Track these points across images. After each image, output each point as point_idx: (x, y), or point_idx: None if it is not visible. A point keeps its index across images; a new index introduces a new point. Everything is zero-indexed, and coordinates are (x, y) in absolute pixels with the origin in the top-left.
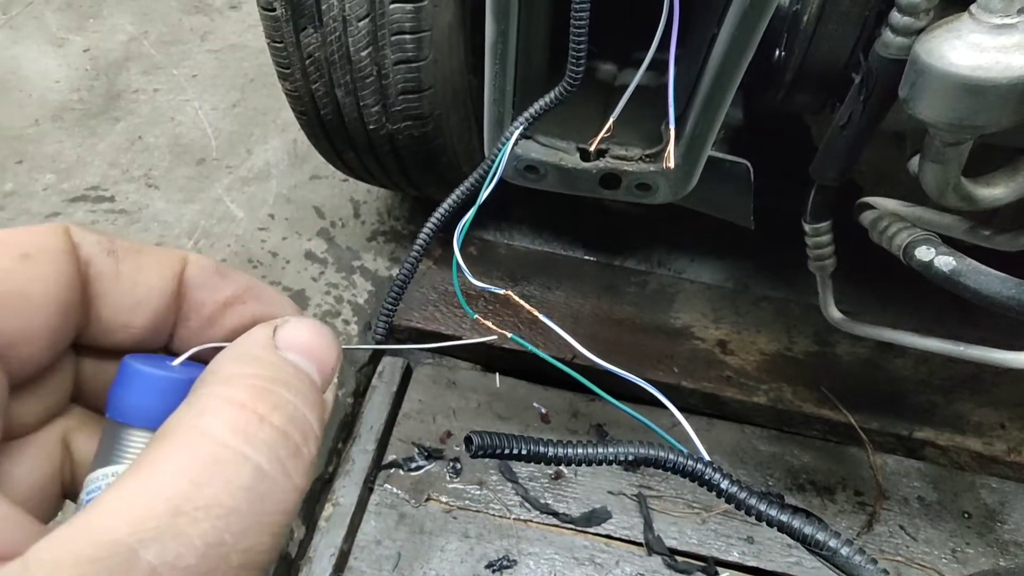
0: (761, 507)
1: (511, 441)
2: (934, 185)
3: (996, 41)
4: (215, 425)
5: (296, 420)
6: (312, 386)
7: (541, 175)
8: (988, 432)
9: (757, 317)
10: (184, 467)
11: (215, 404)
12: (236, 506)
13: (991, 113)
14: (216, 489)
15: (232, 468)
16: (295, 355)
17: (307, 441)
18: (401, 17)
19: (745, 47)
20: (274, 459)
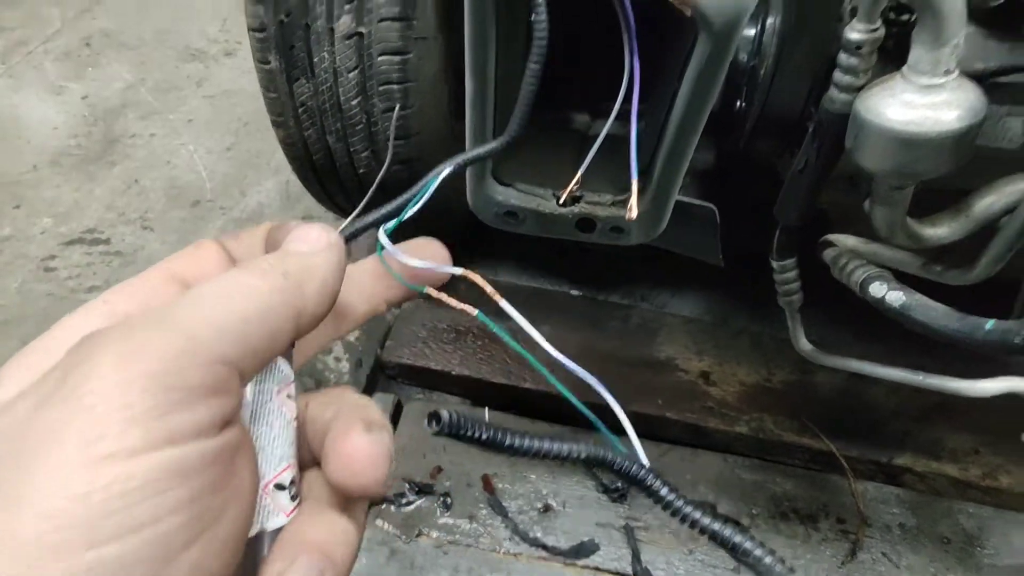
0: (695, 515)
1: (474, 426)
2: (883, 226)
3: (925, 99)
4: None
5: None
6: (283, 252)
7: (520, 220)
8: (963, 458)
9: (737, 349)
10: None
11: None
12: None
13: (926, 163)
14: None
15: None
16: (289, 244)
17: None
18: (388, 69)
19: (703, 104)
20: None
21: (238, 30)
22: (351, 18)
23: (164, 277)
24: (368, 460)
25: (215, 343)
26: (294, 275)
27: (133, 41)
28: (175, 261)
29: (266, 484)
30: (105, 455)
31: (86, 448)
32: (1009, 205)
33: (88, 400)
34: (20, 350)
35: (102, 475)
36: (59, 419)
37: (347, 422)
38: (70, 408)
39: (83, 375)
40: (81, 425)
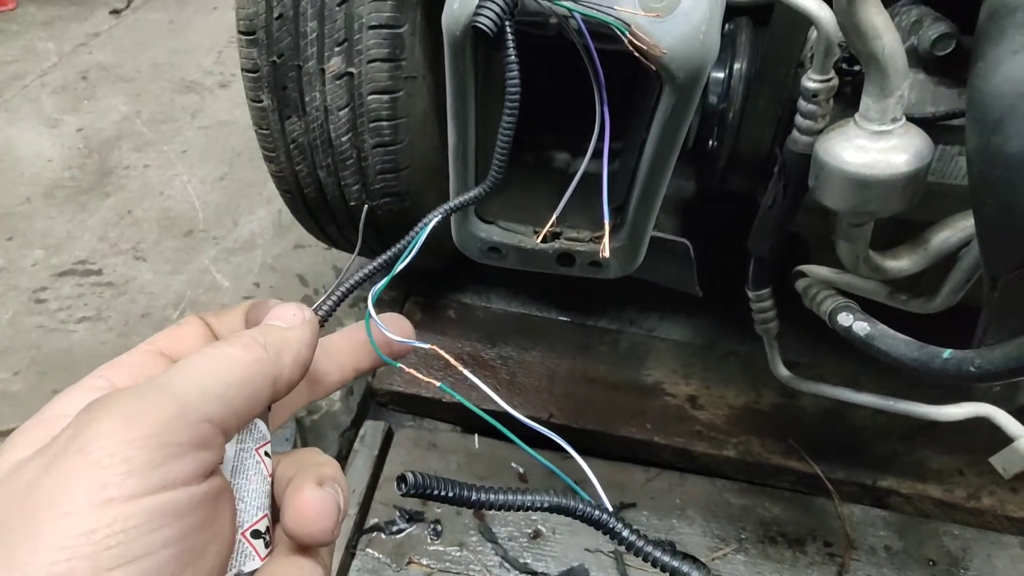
0: (656, 553)
1: (441, 484)
2: (847, 258)
3: (876, 144)
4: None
5: (243, 337)
6: (265, 326)
7: (503, 255)
8: (948, 479)
9: (725, 372)
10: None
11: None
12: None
13: (879, 202)
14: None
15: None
16: (268, 319)
17: (259, 338)
18: (379, 106)
19: (670, 150)
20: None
21: (233, 62)
22: (341, 59)
23: (152, 352)
24: (316, 513)
25: (201, 405)
26: (272, 347)
27: (130, 74)
28: (162, 338)
29: (244, 530)
30: (108, 499)
31: (92, 494)
32: (964, 239)
33: (95, 456)
34: (25, 423)
35: (105, 516)
36: (70, 471)
37: (302, 478)
38: (79, 463)
39: (91, 435)
40: (89, 476)
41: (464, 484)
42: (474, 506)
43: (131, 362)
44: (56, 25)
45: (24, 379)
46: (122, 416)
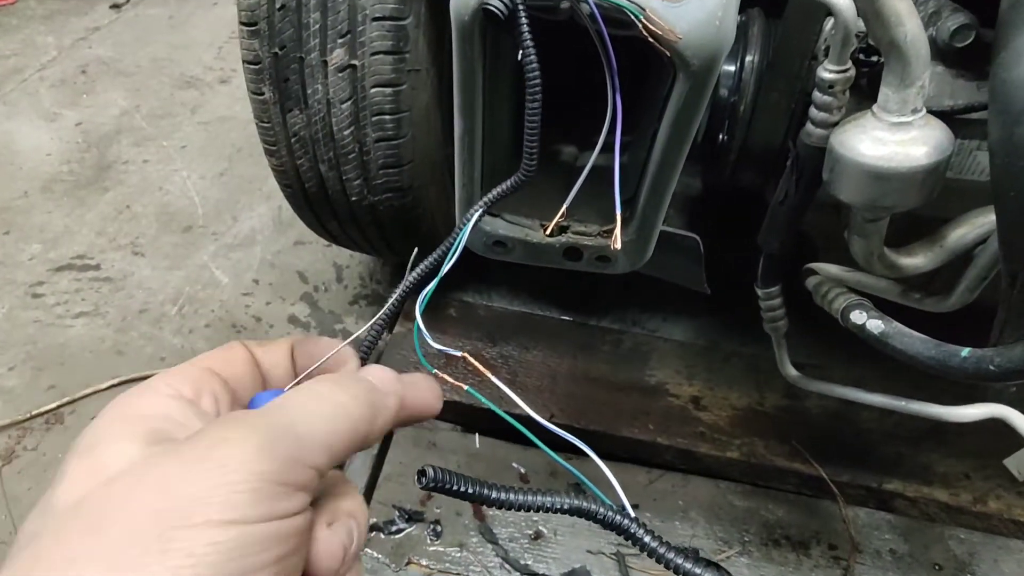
0: (678, 560)
1: (460, 481)
2: (861, 255)
3: (895, 136)
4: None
5: (355, 388)
6: (370, 384)
7: (509, 249)
8: (954, 483)
9: (728, 373)
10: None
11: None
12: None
13: (897, 196)
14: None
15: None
16: (367, 376)
17: (368, 396)
18: (382, 100)
19: (682, 141)
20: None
21: (233, 58)
22: (344, 51)
23: (206, 370)
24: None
25: (315, 455)
26: (374, 409)
27: (129, 68)
28: (211, 359)
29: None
30: (234, 520)
31: (224, 512)
32: (981, 236)
33: (231, 478)
34: (103, 420)
35: (230, 532)
36: (208, 485)
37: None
38: (217, 479)
39: (229, 456)
40: (224, 494)
41: (483, 482)
42: (493, 504)
43: (190, 376)
44: (56, 19)
45: (19, 374)
46: (258, 448)
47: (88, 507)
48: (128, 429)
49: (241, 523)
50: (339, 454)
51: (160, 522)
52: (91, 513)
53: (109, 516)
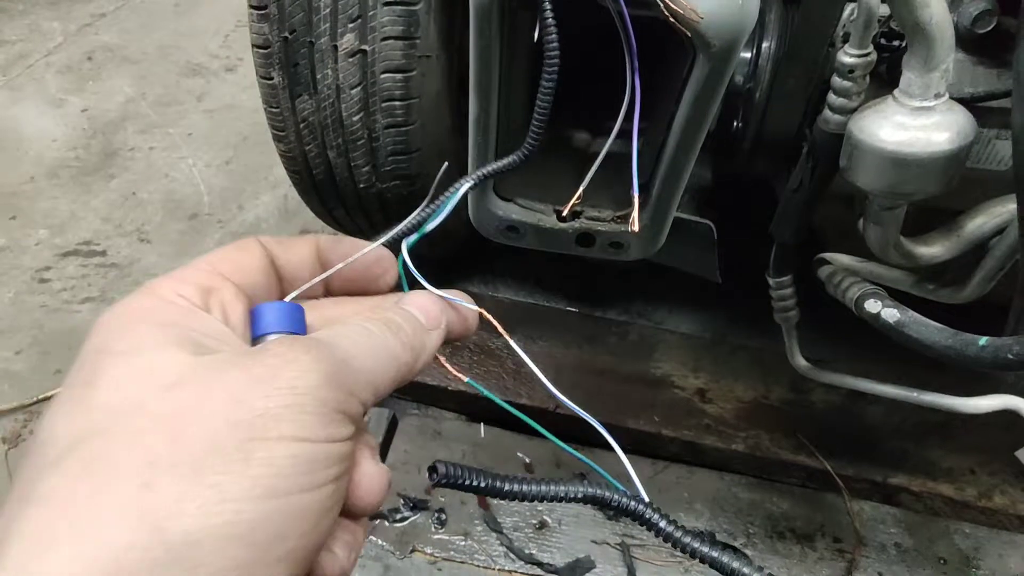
0: (695, 545)
1: (472, 475)
2: (877, 244)
3: (917, 121)
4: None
5: (403, 330)
6: (415, 320)
7: (521, 234)
8: (959, 478)
9: (734, 366)
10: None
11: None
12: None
13: (917, 182)
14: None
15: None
16: (409, 307)
17: (407, 337)
18: (391, 86)
19: (700, 124)
20: (383, 332)
21: (239, 46)
22: (355, 36)
23: (215, 275)
24: (370, 491)
25: (364, 390)
26: (417, 351)
27: (135, 55)
28: (220, 260)
29: None
30: (305, 438)
31: (297, 429)
32: (999, 225)
33: (302, 400)
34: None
35: (303, 448)
36: (281, 405)
37: (359, 446)
38: (290, 399)
39: (298, 377)
40: (296, 413)
41: (495, 474)
42: (506, 497)
43: (197, 281)
44: (61, 5)
45: (26, 359)
46: (326, 376)
47: (156, 412)
48: (168, 335)
49: (311, 441)
50: (382, 394)
51: (238, 433)
52: (162, 419)
53: (184, 423)
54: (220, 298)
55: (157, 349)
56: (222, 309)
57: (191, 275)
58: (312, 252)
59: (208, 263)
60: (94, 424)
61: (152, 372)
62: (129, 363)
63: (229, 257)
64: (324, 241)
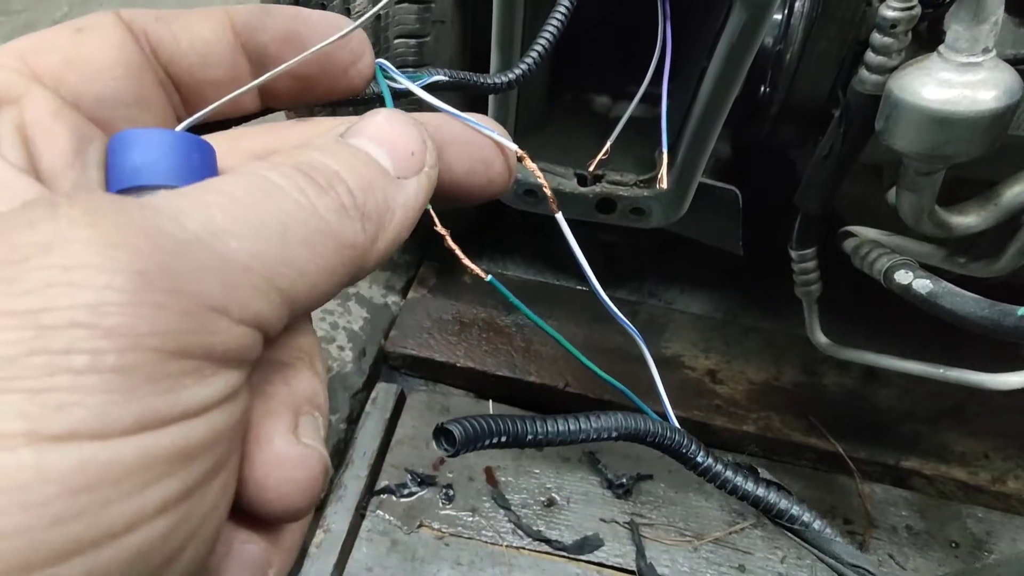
0: (737, 481)
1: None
2: (910, 213)
3: (963, 78)
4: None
5: (340, 181)
6: (370, 162)
7: (540, 199)
8: (973, 462)
9: (746, 347)
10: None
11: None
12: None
13: (960, 144)
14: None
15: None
16: (360, 139)
17: (349, 194)
18: (405, 51)
19: (733, 80)
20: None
21: None
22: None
23: (13, 71)
24: (285, 480)
25: (251, 301)
26: (373, 216)
27: None
28: (36, 45)
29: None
30: (79, 434)
31: (35, 418)
32: None
33: (61, 337)
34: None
35: (68, 460)
36: (6, 354)
37: (275, 411)
38: (25, 334)
39: (68, 283)
40: (38, 375)
41: (517, 420)
42: (532, 445)
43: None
44: None
45: None
46: (141, 276)
47: None
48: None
49: (82, 439)
50: (304, 302)
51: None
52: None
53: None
54: (20, 118)
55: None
56: (20, 138)
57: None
58: (223, 33)
59: (13, 49)
60: None
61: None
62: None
63: (55, 41)
64: (243, 14)
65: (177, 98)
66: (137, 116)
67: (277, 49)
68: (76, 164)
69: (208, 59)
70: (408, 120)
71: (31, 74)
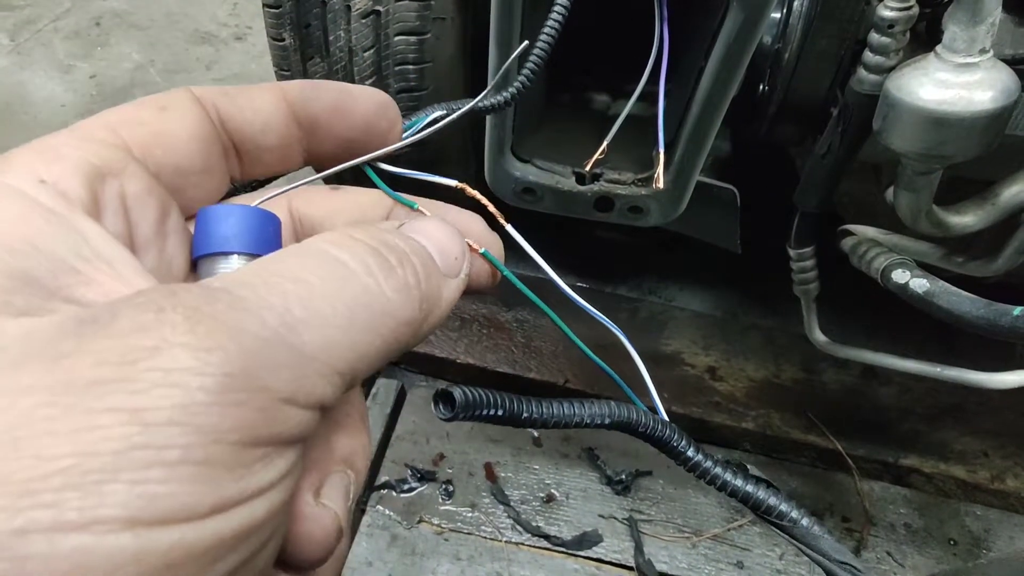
0: (726, 476)
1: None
2: (908, 212)
3: (960, 79)
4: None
5: (408, 267)
6: (429, 257)
7: (538, 197)
8: (972, 460)
9: (745, 345)
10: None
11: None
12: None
13: (957, 144)
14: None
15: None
16: (419, 236)
17: (414, 276)
18: (405, 49)
19: (730, 80)
20: (367, 269)
21: (248, 14)
22: None
23: (111, 146)
24: (311, 538)
25: (323, 384)
26: (428, 305)
27: (143, 22)
28: (124, 121)
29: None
30: (158, 519)
31: (135, 505)
32: None
33: (158, 435)
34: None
35: (153, 543)
36: (109, 449)
37: (305, 479)
38: (126, 430)
39: (164, 384)
40: (136, 467)
41: (514, 398)
42: (525, 424)
43: (79, 154)
44: None
45: None
46: (226, 378)
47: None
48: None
49: (168, 523)
50: (358, 379)
51: (10, 515)
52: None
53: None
54: (121, 189)
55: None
56: (122, 209)
57: (72, 144)
58: (279, 104)
59: (105, 123)
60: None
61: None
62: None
63: (140, 117)
64: (296, 88)
65: (236, 162)
66: (203, 182)
67: (327, 119)
68: (160, 234)
69: (267, 128)
70: (454, 229)
71: (126, 147)
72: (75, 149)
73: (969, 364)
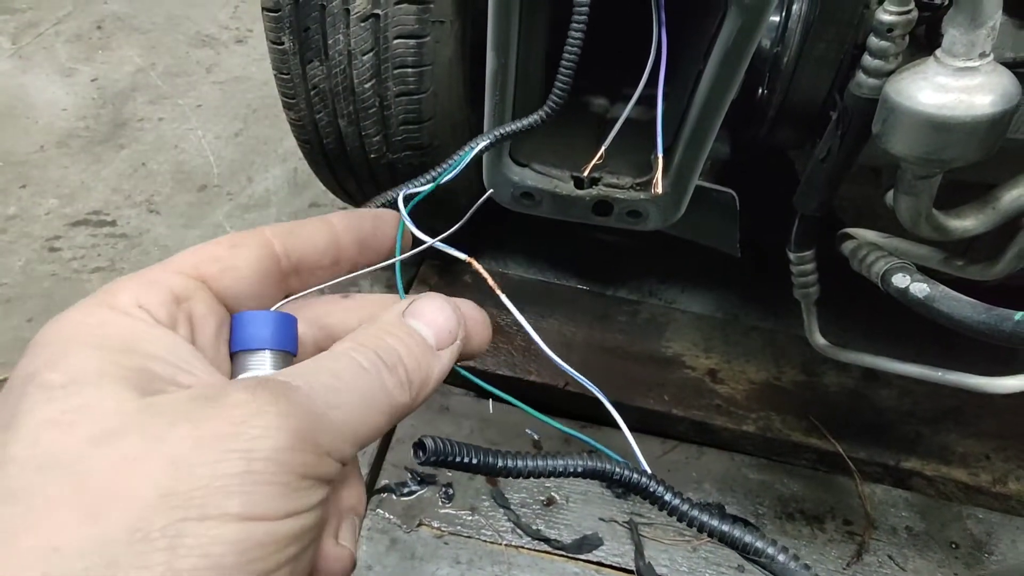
0: (703, 519)
1: (463, 451)
2: (908, 216)
3: (959, 83)
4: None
5: (402, 363)
6: (422, 343)
7: (537, 201)
8: (973, 463)
9: (746, 347)
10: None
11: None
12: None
13: (957, 148)
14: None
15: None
16: (416, 322)
17: (405, 373)
18: (404, 52)
19: (729, 83)
20: (377, 370)
21: (249, 17)
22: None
23: (189, 280)
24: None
25: (343, 447)
26: (419, 385)
27: (144, 25)
28: (204, 258)
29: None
30: (258, 515)
31: (248, 505)
32: None
33: (259, 466)
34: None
35: (253, 530)
36: (229, 470)
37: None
38: (240, 464)
39: (259, 439)
40: (248, 485)
41: (487, 450)
42: (500, 474)
43: (166, 289)
44: None
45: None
46: (294, 434)
47: (77, 475)
48: (112, 365)
49: (264, 519)
50: (366, 444)
51: (169, 509)
52: (82, 486)
53: (105, 494)
54: (190, 310)
55: (96, 385)
56: (189, 323)
57: (161, 278)
58: (328, 236)
59: (191, 263)
60: (3, 483)
61: (83, 417)
62: (58, 402)
63: (219, 254)
64: (343, 219)
65: (296, 279)
66: (258, 301)
67: (369, 238)
68: (217, 338)
69: (322, 255)
70: (451, 305)
71: (200, 277)
72: (162, 282)
73: (970, 367)
